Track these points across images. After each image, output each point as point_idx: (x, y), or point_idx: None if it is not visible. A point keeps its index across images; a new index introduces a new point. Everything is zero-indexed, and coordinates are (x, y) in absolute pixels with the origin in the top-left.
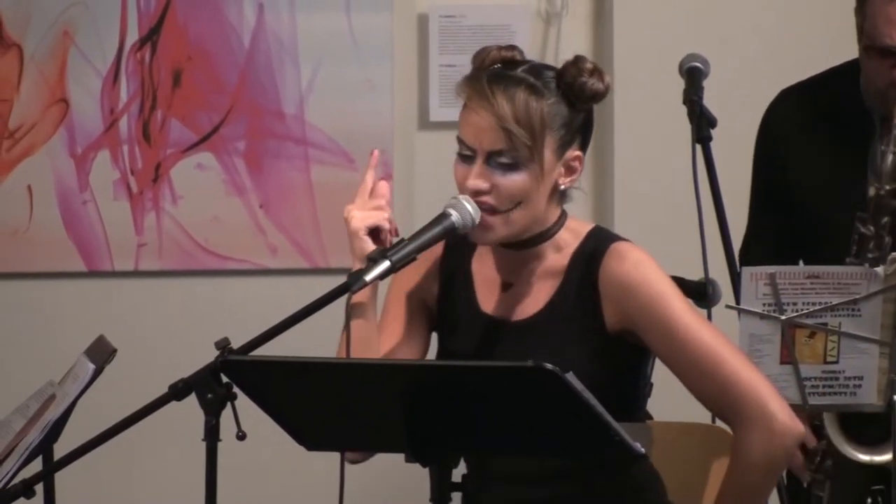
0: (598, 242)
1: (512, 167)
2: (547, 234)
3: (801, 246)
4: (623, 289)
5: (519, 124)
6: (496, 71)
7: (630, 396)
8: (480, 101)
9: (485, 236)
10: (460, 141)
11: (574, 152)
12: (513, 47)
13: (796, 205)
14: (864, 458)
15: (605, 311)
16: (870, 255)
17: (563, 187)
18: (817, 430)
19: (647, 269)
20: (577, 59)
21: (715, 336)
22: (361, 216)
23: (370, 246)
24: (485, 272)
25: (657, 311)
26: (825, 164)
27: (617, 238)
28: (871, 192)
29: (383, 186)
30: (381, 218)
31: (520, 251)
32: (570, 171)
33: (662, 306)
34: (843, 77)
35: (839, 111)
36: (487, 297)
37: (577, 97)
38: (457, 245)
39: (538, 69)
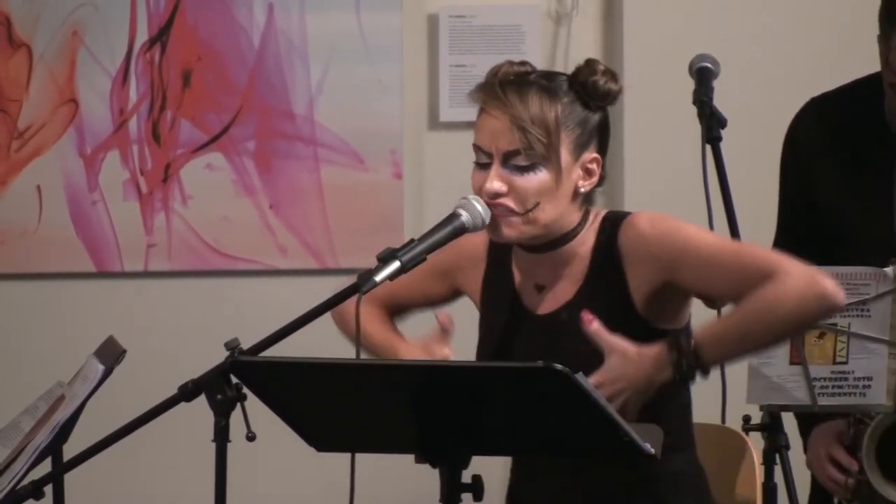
0: (613, 223)
1: (529, 168)
2: (570, 236)
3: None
4: (641, 244)
5: (534, 122)
6: (508, 78)
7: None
8: (494, 103)
9: (503, 234)
10: (476, 148)
11: (591, 154)
12: (525, 62)
13: (823, 219)
14: None
15: (631, 288)
16: None
17: (582, 190)
18: (850, 450)
19: (661, 219)
20: (589, 62)
21: (736, 244)
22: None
23: None
24: (520, 275)
25: (677, 242)
26: (851, 182)
27: (629, 213)
28: None
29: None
30: None
31: (544, 254)
32: (588, 173)
33: (682, 236)
34: (868, 91)
35: (865, 127)
36: (525, 295)
37: (591, 96)
38: (495, 250)
39: (550, 74)
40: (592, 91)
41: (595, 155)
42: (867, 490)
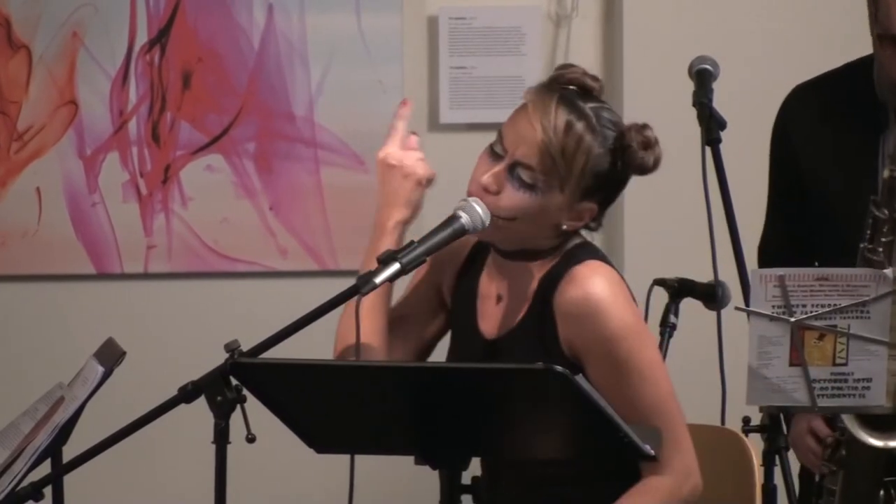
0: (565, 263)
1: (528, 187)
2: (538, 255)
3: (818, 240)
4: (570, 317)
5: (563, 156)
6: (569, 93)
7: None
8: (541, 113)
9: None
10: (500, 136)
11: (589, 204)
12: (597, 79)
13: (810, 198)
14: (877, 443)
15: (560, 337)
16: (883, 240)
17: (564, 228)
18: (829, 421)
19: (599, 300)
20: (644, 127)
21: (656, 388)
22: (421, 165)
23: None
24: (488, 283)
25: (600, 347)
26: (836, 154)
27: (587, 258)
28: (886, 174)
29: (415, 140)
30: (432, 173)
31: (509, 262)
32: (578, 217)
33: (607, 344)
34: (857, 71)
35: (852, 105)
36: (483, 310)
37: (625, 163)
38: (479, 250)
39: (604, 115)
40: (629, 161)
41: (592, 206)
42: (844, 452)
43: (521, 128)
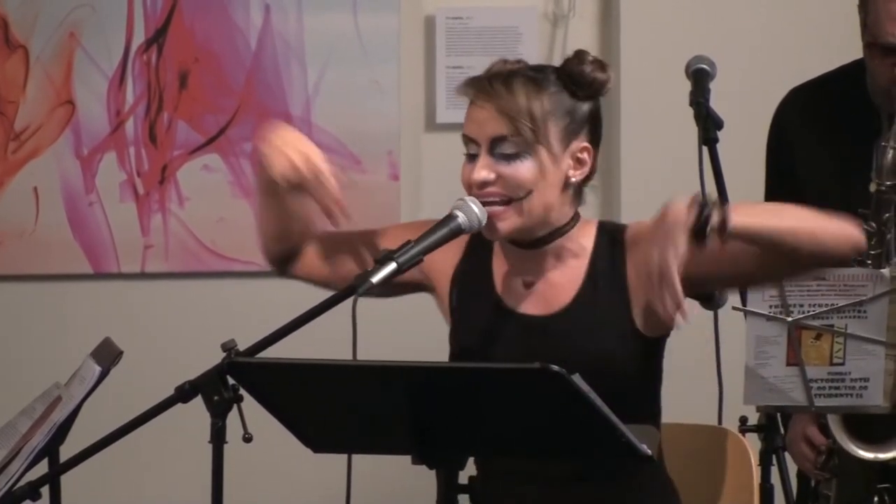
0: (614, 231)
1: (515, 156)
2: (563, 230)
3: None
4: (651, 229)
5: (520, 111)
6: (497, 71)
7: (656, 396)
8: (481, 94)
9: (497, 229)
10: (465, 139)
11: (581, 143)
12: (520, 61)
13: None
14: (868, 455)
15: (632, 299)
16: (871, 252)
17: (574, 180)
18: (824, 428)
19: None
20: (578, 52)
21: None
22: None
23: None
24: (503, 271)
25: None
26: (833, 163)
27: (622, 225)
28: (872, 188)
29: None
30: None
31: (536, 250)
32: (579, 163)
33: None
34: (852, 75)
35: (848, 109)
36: (508, 294)
37: (578, 85)
38: (480, 239)
39: (538, 66)
40: (579, 80)
41: (585, 144)
42: (837, 461)
43: (476, 116)
